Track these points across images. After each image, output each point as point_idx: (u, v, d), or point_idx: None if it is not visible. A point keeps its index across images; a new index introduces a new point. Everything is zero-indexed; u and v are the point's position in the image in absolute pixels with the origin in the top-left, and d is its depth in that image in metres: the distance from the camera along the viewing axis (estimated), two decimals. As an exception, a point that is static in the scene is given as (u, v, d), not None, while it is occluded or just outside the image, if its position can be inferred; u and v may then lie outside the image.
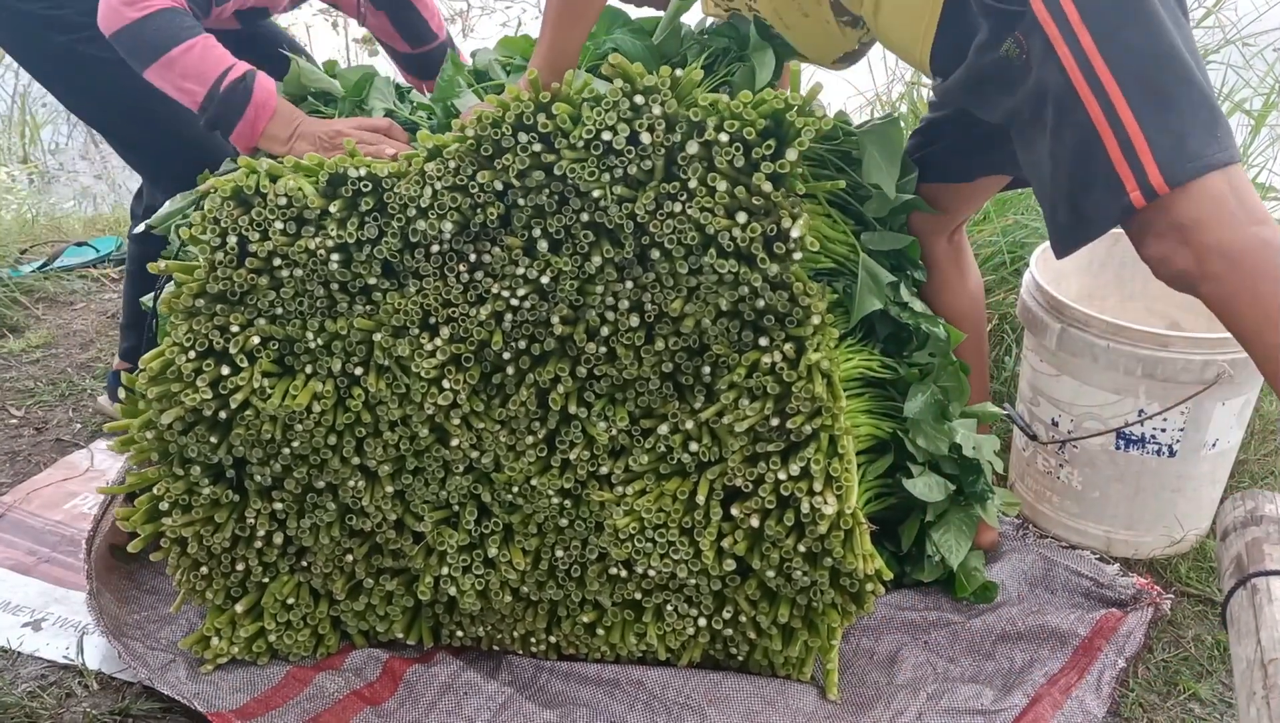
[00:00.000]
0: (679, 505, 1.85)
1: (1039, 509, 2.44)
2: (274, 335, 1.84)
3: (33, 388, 2.94)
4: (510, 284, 1.78)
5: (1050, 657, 2.04)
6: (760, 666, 2.00)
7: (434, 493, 1.92)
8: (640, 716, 1.91)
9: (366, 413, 1.85)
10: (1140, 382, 2.17)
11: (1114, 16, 1.59)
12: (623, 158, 1.69)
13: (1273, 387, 1.62)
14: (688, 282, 1.75)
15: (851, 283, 2.05)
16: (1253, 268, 1.56)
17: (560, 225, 1.75)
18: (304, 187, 1.78)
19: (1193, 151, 1.58)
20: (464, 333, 1.81)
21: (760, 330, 1.77)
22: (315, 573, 1.98)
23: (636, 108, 1.67)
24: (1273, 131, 3.47)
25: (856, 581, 1.85)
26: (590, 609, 1.98)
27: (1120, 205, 1.60)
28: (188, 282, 1.82)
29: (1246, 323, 1.59)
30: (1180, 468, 2.26)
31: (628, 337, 1.80)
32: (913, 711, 1.94)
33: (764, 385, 1.77)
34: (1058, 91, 1.62)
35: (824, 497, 1.78)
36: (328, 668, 2.00)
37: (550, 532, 1.93)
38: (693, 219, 1.70)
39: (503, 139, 1.72)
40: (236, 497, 1.93)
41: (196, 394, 1.81)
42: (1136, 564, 2.32)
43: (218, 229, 1.80)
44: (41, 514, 2.42)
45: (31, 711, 1.93)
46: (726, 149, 1.66)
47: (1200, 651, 2.11)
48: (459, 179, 1.74)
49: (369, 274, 1.81)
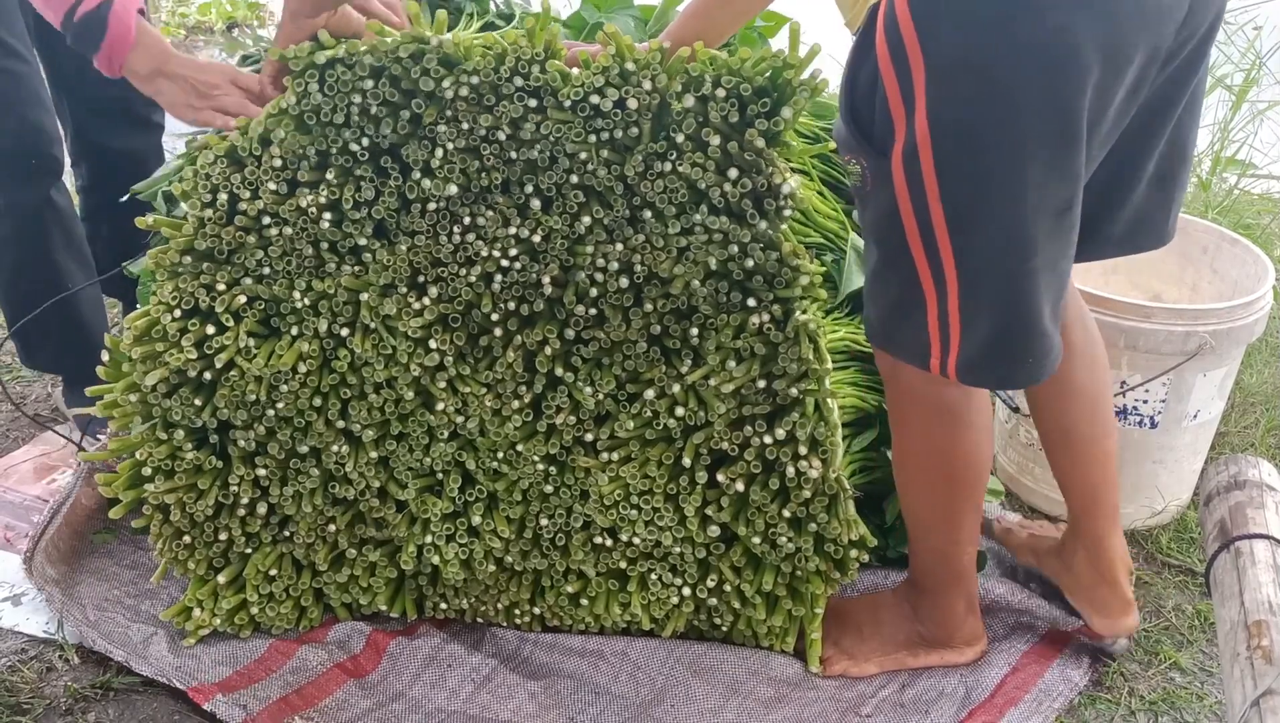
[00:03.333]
0: (664, 471, 1.85)
1: (1021, 481, 2.44)
2: (260, 295, 1.83)
3: (10, 363, 2.91)
4: (502, 245, 1.77)
5: (1032, 629, 2.05)
6: (744, 636, 2.00)
7: (418, 460, 1.91)
8: (624, 686, 1.91)
9: (352, 375, 1.84)
10: (1122, 353, 2.18)
11: (976, 208, 1.48)
12: (609, 120, 1.68)
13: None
14: (677, 242, 1.74)
15: (840, 258, 2.04)
16: (915, 461, 1.79)
17: (551, 183, 1.74)
18: (302, 144, 1.76)
19: (993, 371, 1.60)
20: (452, 293, 1.80)
21: (748, 291, 1.76)
22: (298, 543, 1.97)
23: (625, 74, 1.66)
24: (1253, 107, 3.49)
25: (840, 547, 1.86)
26: (575, 580, 1.98)
27: (919, 356, 1.62)
28: (175, 238, 1.81)
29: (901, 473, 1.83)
30: (1162, 439, 2.27)
31: (616, 298, 1.78)
32: (897, 680, 1.94)
33: (751, 346, 1.77)
34: (896, 245, 1.54)
35: (809, 461, 1.78)
36: (311, 641, 1.99)
37: (535, 499, 1.93)
38: (684, 175, 1.68)
39: (502, 85, 1.69)
40: (220, 462, 1.92)
41: (181, 354, 1.80)
42: (1118, 535, 2.33)
43: (208, 185, 1.78)
44: (20, 490, 2.40)
45: (12, 685, 1.91)
46: (722, 104, 1.64)
47: (1181, 620, 2.12)
48: (471, 140, 1.73)
49: (360, 234, 1.79)
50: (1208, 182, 3.36)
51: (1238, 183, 3.43)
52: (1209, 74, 3.37)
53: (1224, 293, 2.40)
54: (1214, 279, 2.45)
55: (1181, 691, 1.97)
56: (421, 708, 1.88)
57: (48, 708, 1.88)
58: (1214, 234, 2.45)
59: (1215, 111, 3.53)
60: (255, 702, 1.84)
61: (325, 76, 1.72)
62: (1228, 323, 2.15)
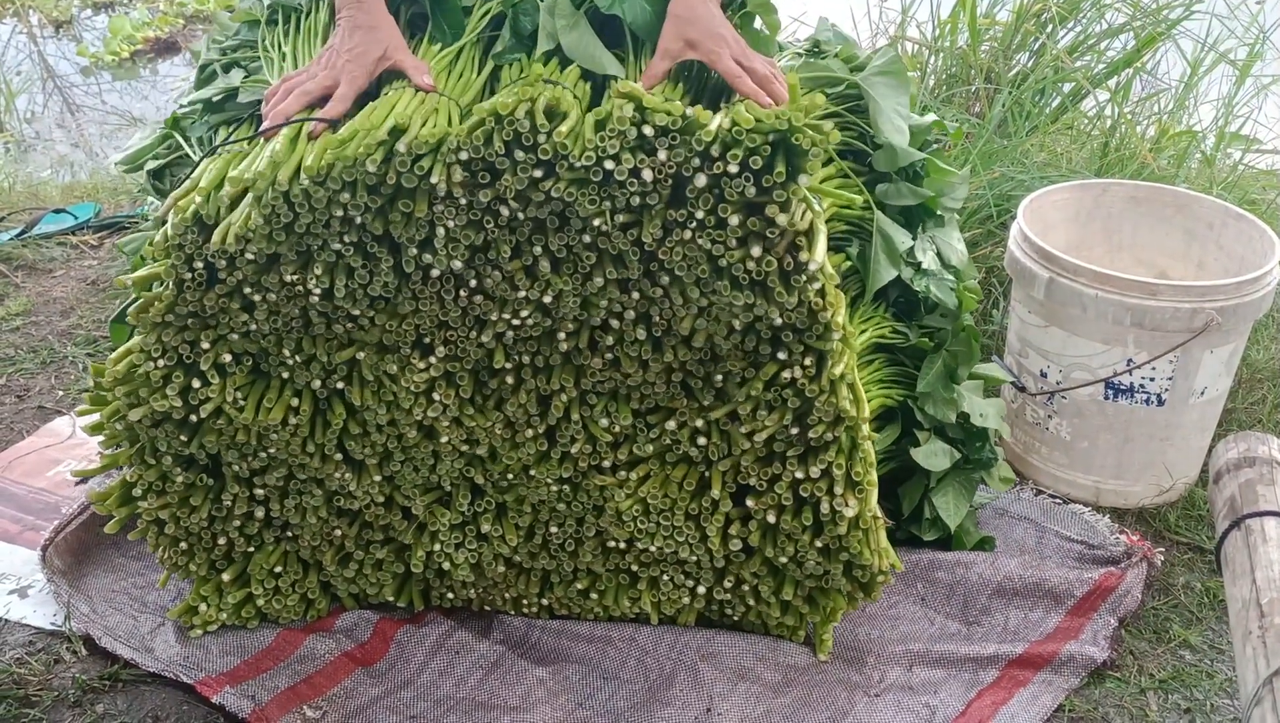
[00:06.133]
0: (685, 492, 1.81)
1: (1028, 461, 2.43)
2: (248, 350, 1.74)
3: (14, 356, 2.91)
4: (513, 307, 1.68)
5: (1046, 614, 2.04)
6: (753, 625, 1.99)
7: (424, 477, 1.86)
8: (633, 671, 1.91)
9: (352, 423, 1.78)
10: (1129, 331, 2.17)
11: None
12: (624, 190, 1.57)
13: None
14: (699, 302, 1.65)
15: (867, 245, 1.99)
16: None
17: (561, 244, 1.63)
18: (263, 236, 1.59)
19: None
20: (461, 353, 1.73)
21: (778, 344, 1.69)
22: (302, 546, 1.94)
23: (643, 139, 1.55)
24: (1257, 82, 3.47)
25: (869, 573, 1.83)
26: (584, 577, 1.96)
27: None
28: (155, 301, 1.67)
29: None
30: (1169, 417, 2.26)
31: (634, 348, 1.71)
32: (904, 663, 1.94)
33: (783, 397, 1.70)
34: None
35: (845, 499, 1.73)
36: (318, 630, 1.99)
37: (545, 511, 1.89)
38: (704, 250, 1.59)
39: (496, 160, 1.58)
40: (212, 481, 1.85)
41: (165, 401, 1.72)
42: (1125, 514, 2.32)
43: (182, 255, 1.63)
44: (25, 482, 2.39)
45: (20, 677, 1.91)
46: (736, 180, 1.54)
47: (1190, 598, 2.11)
48: (472, 214, 1.61)
49: (354, 307, 1.68)
50: (1212, 157, 3.34)
51: (1242, 158, 3.41)
52: (1213, 49, 3.36)
53: (1230, 269, 2.38)
54: (1220, 255, 2.44)
55: (1191, 668, 1.96)
56: (430, 695, 1.87)
57: (56, 700, 1.88)
58: (1220, 210, 2.44)
59: (1219, 87, 3.51)
60: (264, 692, 1.84)
61: (291, 199, 1.57)
62: (1234, 299, 2.14)
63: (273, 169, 1.57)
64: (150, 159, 2.13)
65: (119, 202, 3.71)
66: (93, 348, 2.90)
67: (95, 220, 3.62)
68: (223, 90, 2.02)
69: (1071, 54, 3.42)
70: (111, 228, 3.52)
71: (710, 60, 1.71)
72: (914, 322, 2.08)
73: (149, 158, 2.14)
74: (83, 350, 2.91)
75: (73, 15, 6.22)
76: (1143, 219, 2.54)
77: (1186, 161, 3.30)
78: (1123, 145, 3.25)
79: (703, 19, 1.73)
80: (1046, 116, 3.39)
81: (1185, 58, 3.47)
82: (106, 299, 3.12)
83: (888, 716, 1.84)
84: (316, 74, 1.73)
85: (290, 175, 1.56)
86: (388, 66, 1.74)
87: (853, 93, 2.05)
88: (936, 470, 2.09)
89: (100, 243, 3.45)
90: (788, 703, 1.85)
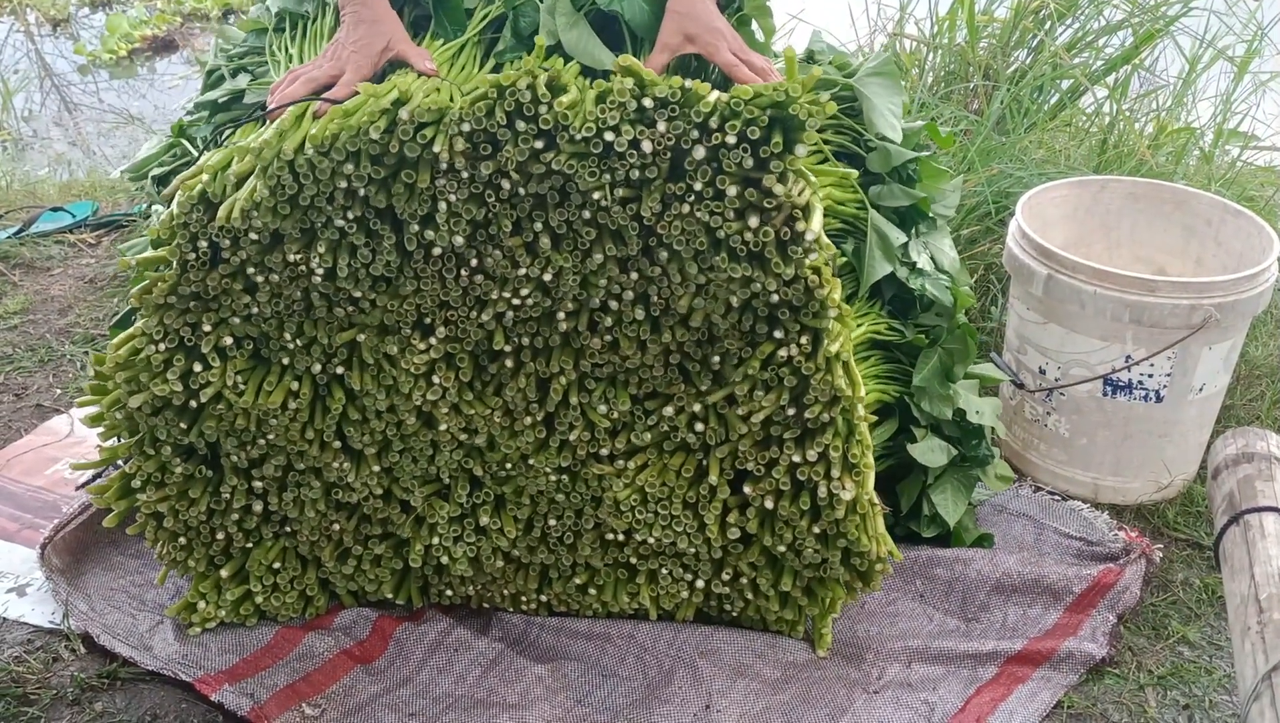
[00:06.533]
0: (683, 481, 1.82)
1: (1026, 457, 2.43)
2: (249, 334, 1.76)
3: (11, 354, 2.90)
4: (513, 286, 1.69)
5: (1045, 611, 2.04)
6: (752, 621, 1.99)
7: (423, 469, 1.86)
8: (632, 668, 1.91)
9: (352, 409, 1.79)
10: (1127, 327, 2.17)
11: None
12: (624, 161, 1.59)
13: None
14: (697, 279, 1.67)
15: (861, 243, 1.99)
16: None
17: (561, 220, 1.65)
18: (270, 210, 1.62)
19: None
20: (461, 334, 1.74)
21: (774, 322, 1.70)
22: (301, 541, 1.94)
23: (643, 110, 1.57)
24: (1255, 78, 3.47)
25: (868, 561, 1.83)
26: (583, 572, 1.97)
27: None
28: (158, 282, 1.70)
29: None
30: (1167, 413, 2.26)
31: (632, 329, 1.72)
32: (903, 660, 1.94)
33: (780, 376, 1.71)
34: None
35: (842, 482, 1.74)
36: (317, 628, 1.99)
37: (544, 502, 1.89)
38: (702, 222, 1.61)
39: (498, 131, 1.60)
40: (211, 472, 1.87)
41: (166, 385, 1.74)
42: (1124, 510, 2.32)
43: (187, 234, 1.67)
44: (23, 480, 2.39)
45: (18, 675, 1.91)
46: (734, 151, 1.56)
47: (1189, 594, 2.12)
48: (474, 188, 1.63)
49: (356, 287, 1.71)
50: (1211, 153, 3.34)
51: (1241, 155, 3.41)
52: (1211, 45, 3.36)
53: (1229, 266, 2.38)
54: (1218, 252, 2.44)
55: (1190, 665, 1.96)
56: (429, 693, 1.87)
57: (54, 699, 1.88)
58: (1218, 206, 2.44)
59: (1218, 83, 3.51)
60: (263, 690, 1.84)
61: (296, 169, 1.61)
62: (1233, 296, 2.14)
63: (279, 139, 1.61)
64: (155, 166, 2.13)
65: (116, 200, 3.71)
66: (90, 346, 2.90)
67: (93, 219, 3.62)
68: (229, 92, 2.04)
69: (1070, 51, 3.42)
70: (109, 226, 3.51)
71: (708, 53, 1.74)
72: (910, 320, 2.09)
73: (154, 165, 2.15)
74: (80, 349, 2.91)
75: (70, 13, 6.21)
76: (1141, 216, 2.54)
77: (1185, 158, 3.30)
78: (1121, 142, 3.25)
79: (701, 14, 1.76)
80: (1045, 113, 3.39)
81: (1183, 54, 3.47)
82: (104, 297, 3.12)
83: (887, 712, 1.84)
84: (323, 65, 1.78)
85: (296, 146, 1.60)
86: (391, 57, 1.78)
87: (847, 94, 2.06)
88: (934, 467, 2.09)
89: (98, 241, 3.44)
90: (786, 700, 1.86)
